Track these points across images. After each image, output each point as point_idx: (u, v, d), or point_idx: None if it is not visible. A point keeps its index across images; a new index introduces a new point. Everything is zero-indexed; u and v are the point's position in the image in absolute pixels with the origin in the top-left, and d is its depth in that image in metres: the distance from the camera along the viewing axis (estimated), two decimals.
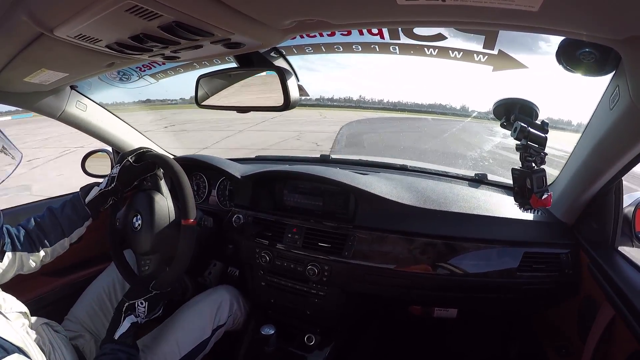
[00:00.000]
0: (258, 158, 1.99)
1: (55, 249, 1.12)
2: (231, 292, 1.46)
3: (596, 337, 1.01)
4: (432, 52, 1.27)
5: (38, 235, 1.09)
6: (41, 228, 1.10)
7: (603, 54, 0.72)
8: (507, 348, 1.64)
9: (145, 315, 1.09)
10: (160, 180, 1.25)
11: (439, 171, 1.62)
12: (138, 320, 1.07)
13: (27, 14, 0.63)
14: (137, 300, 1.08)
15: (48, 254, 1.11)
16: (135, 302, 1.08)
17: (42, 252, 1.09)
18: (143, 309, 1.08)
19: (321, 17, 0.64)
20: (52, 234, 1.11)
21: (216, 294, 1.41)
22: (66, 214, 1.14)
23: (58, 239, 1.12)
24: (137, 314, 1.07)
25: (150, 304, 1.09)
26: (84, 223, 1.17)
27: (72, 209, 1.16)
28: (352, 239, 1.31)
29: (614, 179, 1.00)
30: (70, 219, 1.14)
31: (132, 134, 1.74)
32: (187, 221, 1.13)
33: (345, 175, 1.43)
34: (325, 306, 1.38)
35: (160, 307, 1.15)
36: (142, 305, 1.08)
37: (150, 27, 0.64)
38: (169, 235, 1.17)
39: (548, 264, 1.21)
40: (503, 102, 0.97)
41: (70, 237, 1.15)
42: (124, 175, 1.20)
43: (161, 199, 1.21)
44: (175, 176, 1.17)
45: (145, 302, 1.09)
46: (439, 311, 1.52)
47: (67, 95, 1.43)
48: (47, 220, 1.12)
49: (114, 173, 1.20)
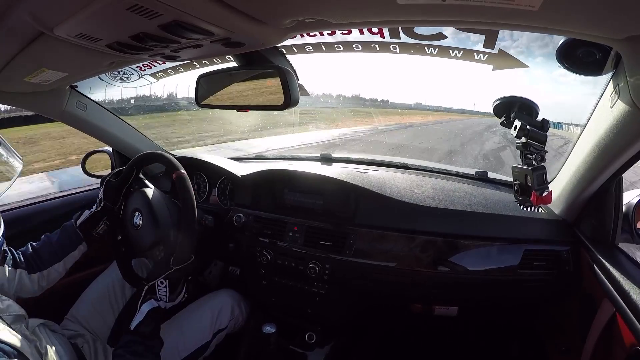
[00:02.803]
0: (258, 157, 1.99)
1: (50, 272, 1.14)
2: (232, 296, 1.46)
3: (596, 334, 1.02)
4: (433, 51, 1.27)
5: (34, 258, 1.12)
6: (37, 252, 1.14)
7: (603, 53, 0.73)
8: (507, 345, 1.65)
9: (168, 296, 1.02)
10: (144, 180, 1.30)
11: (439, 169, 1.62)
12: (160, 305, 1.01)
13: (27, 13, 0.63)
14: (157, 280, 1.02)
15: (44, 276, 1.13)
16: (155, 283, 1.02)
17: (38, 274, 1.11)
18: (164, 290, 1.02)
19: (321, 17, 0.64)
20: (46, 258, 1.14)
21: (217, 299, 1.41)
22: (59, 239, 1.18)
23: (52, 263, 1.15)
24: (158, 297, 1.01)
25: (171, 283, 1.03)
26: (76, 247, 1.19)
27: (64, 233, 1.20)
28: (352, 237, 1.31)
29: (614, 177, 1.01)
30: (63, 244, 1.17)
31: (132, 134, 1.74)
32: (178, 172, 1.16)
33: (345, 173, 1.43)
34: (326, 304, 1.39)
35: (184, 289, 1.09)
36: (162, 285, 1.02)
37: (150, 26, 0.64)
38: (171, 220, 1.20)
39: (549, 261, 1.21)
40: (503, 101, 0.97)
41: (64, 262, 1.17)
42: (108, 192, 1.25)
43: (153, 191, 1.25)
44: (151, 155, 1.24)
45: (166, 281, 1.03)
46: (440, 309, 1.52)
47: (67, 95, 1.43)
48: (42, 245, 1.16)
49: (100, 195, 1.26)
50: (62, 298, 1.26)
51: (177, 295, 1.07)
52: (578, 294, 1.20)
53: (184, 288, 1.10)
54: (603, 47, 0.70)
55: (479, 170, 1.56)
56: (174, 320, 1.28)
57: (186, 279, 1.10)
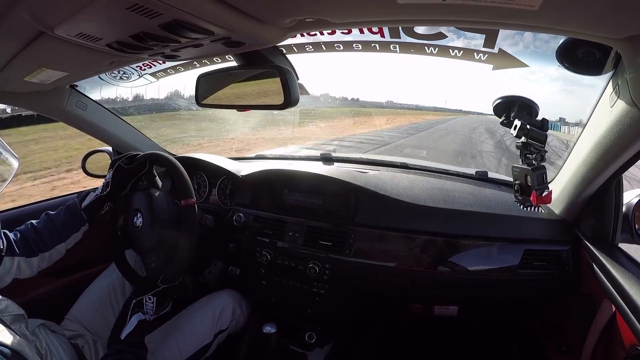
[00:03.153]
0: (258, 157, 1.99)
1: (52, 254, 1.13)
2: (234, 297, 1.45)
3: (596, 334, 1.02)
4: (433, 50, 1.27)
5: (35, 240, 1.10)
6: (38, 233, 1.12)
7: (603, 53, 0.73)
8: (507, 345, 1.65)
9: (154, 311, 1.06)
10: (155, 177, 1.26)
11: (439, 169, 1.62)
12: (146, 318, 1.05)
13: (27, 12, 0.63)
14: (145, 296, 1.06)
15: (45, 258, 1.12)
16: (143, 299, 1.06)
17: (39, 257, 1.10)
18: (151, 305, 1.06)
19: (321, 16, 0.64)
20: (48, 239, 1.12)
21: (218, 299, 1.41)
22: (63, 219, 1.16)
23: (55, 244, 1.13)
24: (145, 311, 1.05)
25: (158, 299, 1.07)
26: (80, 228, 1.18)
27: (68, 214, 1.18)
28: (352, 237, 1.31)
29: (614, 176, 1.01)
30: (66, 224, 1.16)
31: (133, 133, 1.74)
32: (187, 201, 1.13)
33: (345, 173, 1.43)
34: (326, 304, 1.39)
35: (169, 303, 1.13)
36: (150, 301, 1.06)
37: (151, 25, 0.64)
38: (171, 229, 1.18)
39: (548, 261, 1.21)
40: (503, 100, 0.97)
41: (66, 243, 1.16)
42: (117, 178, 1.23)
43: (159, 195, 1.22)
44: (167, 164, 1.19)
45: (154, 297, 1.07)
46: (440, 309, 1.53)
47: (67, 94, 1.43)
48: (43, 225, 1.14)
49: (108, 178, 1.23)
50: (62, 298, 1.26)
51: (162, 310, 1.11)
52: (578, 293, 1.20)
53: (169, 304, 1.13)
54: (603, 46, 0.70)
55: (479, 170, 1.57)
56: (175, 321, 1.28)
57: (172, 296, 1.13)
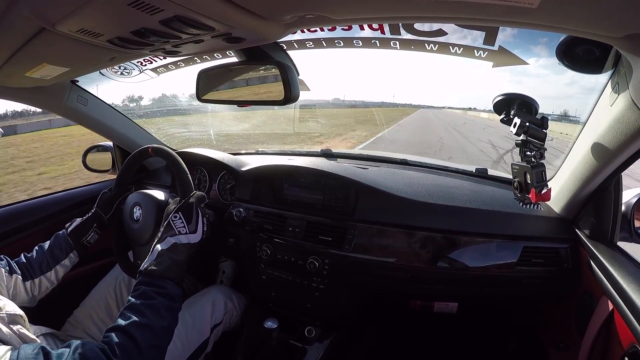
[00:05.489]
0: (259, 152, 1.99)
1: (41, 281, 1.13)
2: (222, 291, 1.47)
3: (594, 331, 1.02)
4: (433, 47, 1.27)
5: (26, 267, 1.12)
6: (29, 261, 1.14)
7: (603, 51, 0.73)
8: (505, 343, 1.66)
9: (187, 229, 0.99)
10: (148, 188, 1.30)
11: (439, 165, 1.63)
12: (179, 240, 0.97)
13: (29, 8, 0.63)
14: (170, 216, 1.01)
15: (35, 285, 1.12)
16: (169, 220, 1.00)
17: (30, 283, 1.11)
18: (181, 222, 1.00)
19: (322, 12, 0.64)
20: (37, 267, 1.13)
21: (209, 294, 1.42)
22: (50, 246, 1.18)
23: (43, 272, 1.14)
24: (176, 231, 0.98)
25: (184, 214, 1.02)
26: (67, 255, 1.19)
27: (55, 241, 1.19)
28: (352, 233, 1.31)
29: (614, 175, 1.01)
30: (53, 251, 1.17)
31: (133, 128, 1.75)
32: (153, 147, 1.23)
33: (345, 169, 1.43)
34: (326, 299, 1.40)
35: (199, 218, 1.04)
36: (176, 218, 1.00)
37: (152, 21, 0.64)
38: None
39: (547, 259, 1.22)
40: (503, 98, 0.97)
41: (55, 270, 1.16)
42: (102, 201, 1.28)
43: (153, 187, 1.27)
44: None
45: (179, 213, 1.02)
46: (440, 305, 1.53)
47: (68, 89, 1.43)
48: (34, 254, 1.16)
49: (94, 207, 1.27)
50: (62, 300, 1.26)
51: (195, 225, 1.02)
52: (576, 291, 1.20)
53: (202, 220, 1.05)
54: (603, 45, 0.70)
55: (478, 167, 1.57)
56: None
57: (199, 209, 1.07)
